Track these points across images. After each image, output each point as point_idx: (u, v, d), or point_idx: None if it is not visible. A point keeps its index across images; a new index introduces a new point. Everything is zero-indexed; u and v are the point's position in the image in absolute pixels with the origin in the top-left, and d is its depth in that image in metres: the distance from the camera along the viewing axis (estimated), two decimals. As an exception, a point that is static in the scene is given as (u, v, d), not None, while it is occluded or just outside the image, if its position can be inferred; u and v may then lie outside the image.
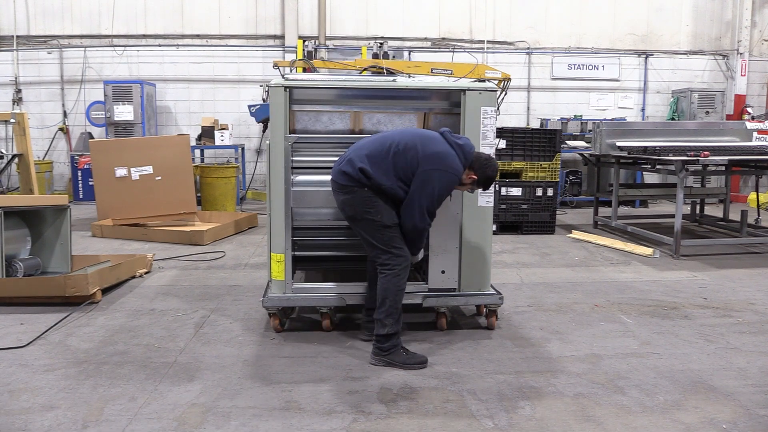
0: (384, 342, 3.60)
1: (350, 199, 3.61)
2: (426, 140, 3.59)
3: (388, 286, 3.62)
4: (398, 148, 3.55)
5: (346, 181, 3.60)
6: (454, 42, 11.48)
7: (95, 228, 7.65)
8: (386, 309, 3.61)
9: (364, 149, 3.63)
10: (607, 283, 5.55)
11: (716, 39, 11.98)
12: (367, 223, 3.62)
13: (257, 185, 11.42)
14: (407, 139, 3.60)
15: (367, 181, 3.54)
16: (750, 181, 11.58)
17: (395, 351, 3.61)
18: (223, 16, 11.19)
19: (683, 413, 3.04)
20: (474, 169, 3.60)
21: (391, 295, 3.62)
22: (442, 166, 3.50)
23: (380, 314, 3.62)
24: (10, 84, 11.15)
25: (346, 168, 3.60)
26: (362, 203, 3.59)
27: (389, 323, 3.60)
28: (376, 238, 3.63)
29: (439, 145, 3.56)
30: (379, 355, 3.61)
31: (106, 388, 3.25)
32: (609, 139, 7.96)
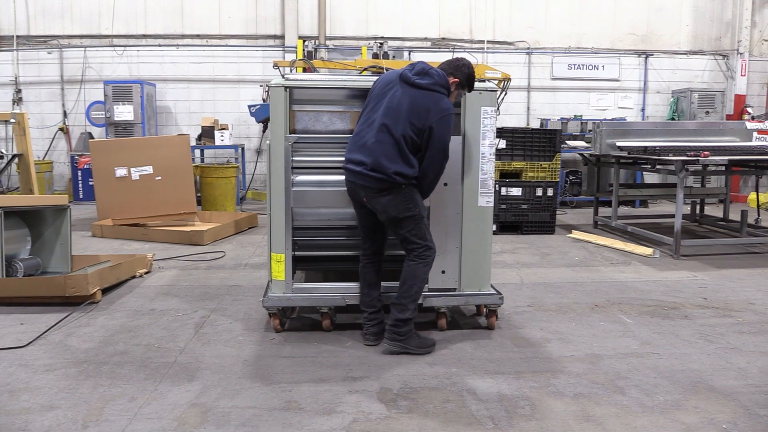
0: (402, 326, 3.70)
1: (392, 199, 3.62)
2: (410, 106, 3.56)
3: (418, 274, 3.72)
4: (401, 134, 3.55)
5: (382, 185, 3.60)
6: (454, 42, 11.48)
7: (95, 228, 7.65)
8: (412, 295, 3.72)
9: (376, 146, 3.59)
10: (607, 283, 5.55)
11: (716, 39, 11.99)
12: (408, 220, 3.67)
13: (257, 185, 11.43)
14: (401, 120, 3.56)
15: (404, 180, 3.60)
16: (750, 181, 11.58)
17: (411, 336, 3.73)
18: (223, 16, 11.20)
19: (683, 413, 3.04)
20: (455, 78, 3.69)
21: (419, 283, 3.75)
22: (438, 113, 3.54)
23: (405, 299, 3.71)
24: (10, 84, 11.15)
25: (378, 173, 3.57)
26: (403, 201, 3.63)
27: (412, 308, 3.73)
28: (414, 233, 3.69)
29: (421, 99, 3.56)
30: (396, 340, 3.70)
31: (106, 388, 3.25)
32: (609, 139, 7.95)
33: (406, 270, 3.74)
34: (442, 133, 3.57)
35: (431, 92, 3.58)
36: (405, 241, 3.74)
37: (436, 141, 3.56)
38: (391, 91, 3.63)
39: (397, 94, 3.60)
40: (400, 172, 3.56)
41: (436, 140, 3.56)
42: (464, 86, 3.77)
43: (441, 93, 3.61)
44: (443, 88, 3.63)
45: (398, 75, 3.68)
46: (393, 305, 3.76)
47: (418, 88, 3.58)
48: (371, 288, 3.96)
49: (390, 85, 3.67)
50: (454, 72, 3.71)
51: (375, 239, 3.91)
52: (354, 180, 3.68)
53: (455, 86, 3.71)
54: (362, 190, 3.67)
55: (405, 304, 3.71)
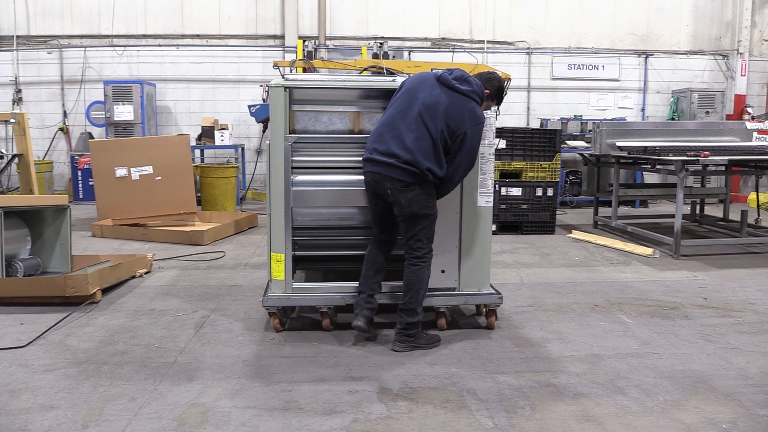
0: (412, 329, 3.79)
1: (418, 194, 3.65)
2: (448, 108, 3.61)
3: (422, 278, 3.79)
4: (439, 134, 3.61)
5: (413, 178, 3.62)
6: (454, 42, 11.48)
7: (95, 228, 7.65)
8: (420, 299, 3.80)
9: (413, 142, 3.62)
10: (607, 283, 5.55)
11: (716, 39, 11.99)
12: (426, 218, 3.72)
13: (257, 185, 11.43)
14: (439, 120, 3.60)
15: (433, 178, 3.65)
16: (750, 181, 11.58)
17: (419, 335, 3.83)
18: (223, 16, 11.20)
19: (683, 413, 3.04)
20: (488, 90, 3.82)
21: (424, 286, 3.81)
22: (474, 120, 3.63)
23: (412, 304, 3.78)
24: (10, 84, 11.15)
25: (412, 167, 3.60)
26: (426, 198, 3.68)
27: (420, 311, 3.83)
28: (425, 232, 3.75)
29: (459, 103, 3.63)
30: (406, 342, 3.78)
31: (106, 388, 3.25)
32: (609, 139, 7.96)
33: (411, 275, 3.78)
34: (474, 139, 3.67)
35: (468, 99, 3.66)
36: (413, 239, 3.75)
37: (468, 146, 3.64)
38: (428, 89, 3.68)
39: (435, 92, 3.65)
40: (432, 170, 3.61)
41: (468, 146, 3.64)
42: (493, 98, 3.89)
43: (476, 101, 3.70)
44: (479, 97, 3.72)
45: (435, 77, 3.74)
46: (402, 311, 3.80)
47: (457, 92, 3.65)
48: (377, 273, 3.95)
49: (426, 84, 3.72)
50: (486, 84, 3.82)
51: (389, 230, 3.93)
52: (381, 171, 3.66)
53: (486, 97, 3.82)
54: (389, 182, 3.65)
55: (413, 309, 3.78)
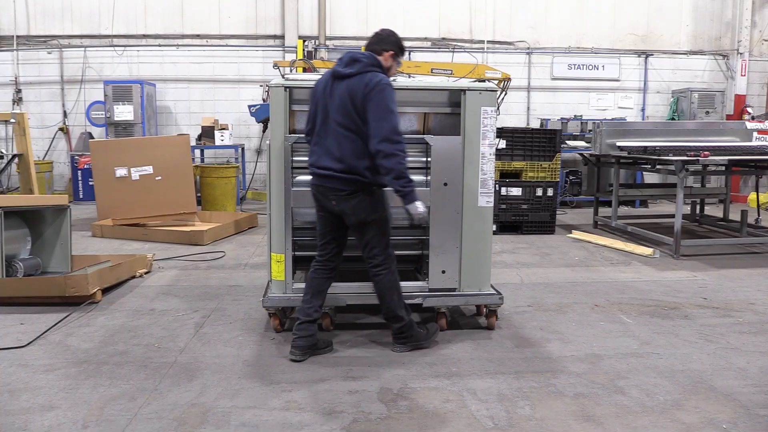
0: (406, 331, 3.77)
1: (361, 201, 3.56)
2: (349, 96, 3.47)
3: (390, 285, 3.73)
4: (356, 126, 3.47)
5: (354, 186, 3.53)
6: (454, 42, 11.48)
7: (95, 228, 7.65)
8: (397, 303, 3.74)
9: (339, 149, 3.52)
10: (607, 283, 5.55)
11: (716, 39, 11.99)
12: (375, 224, 3.64)
13: (257, 185, 11.43)
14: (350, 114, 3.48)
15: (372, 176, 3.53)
16: (750, 181, 11.58)
17: (415, 334, 3.80)
18: (223, 16, 11.19)
19: (683, 413, 3.04)
20: (384, 51, 3.63)
21: (396, 290, 3.75)
22: (372, 86, 3.43)
23: (392, 312, 3.74)
24: (10, 84, 11.15)
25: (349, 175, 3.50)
26: (371, 203, 3.59)
27: (403, 314, 3.76)
28: (375, 239, 3.66)
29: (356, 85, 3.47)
30: (405, 343, 3.79)
31: (106, 388, 3.25)
32: (609, 139, 7.96)
33: (377, 287, 3.74)
34: (380, 103, 3.42)
35: (363, 74, 3.49)
36: (367, 248, 3.68)
37: (374, 111, 3.41)
38: (329, 92, 3.57)
39: (336, 91, 3.54)
40: (370, 167, 3.50)
41: (374, 111, 3.41)
42: (399, 54, 3.72)
43: (374, 71, 3.53)
44: (375, 68, 3.56)
45: (331, 73, 3.61)
46: (388, 320, 3.80)
47: (351, 77, 3.51)
48: (315, 296, 3.77)
49: (326, 87, 3.60)
50: (384, 46, 3.65)
51: (334, 246, 3.79)
52: (323, 183, 3.60)
53: (391, 58, 3.67)
54: (331, 193, 3.58)
55: (396, 315, 3.74)
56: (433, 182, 4.01)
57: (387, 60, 3.66)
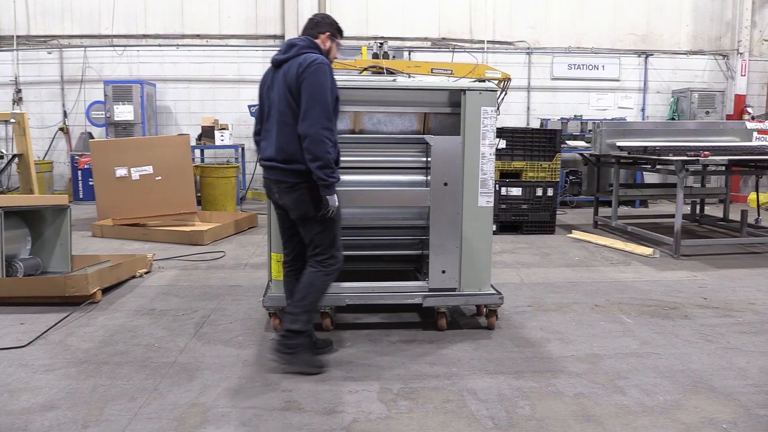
0: (292, 338, 3.41)
1: (302, 195, 3.38)
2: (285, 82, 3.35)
3: (316, 283, 3.46)
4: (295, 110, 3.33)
5: (296, 177, 3.36)
6: (454, 42, 11.48)
7: (95, 228, 7.65)
8: (306, 305, 3.43)
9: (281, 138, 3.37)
10: (607, 283, 5.55)
11: (716, 39, 11.99)
12: (318, 221, 3.42)
13: (257, 185, 11.42)
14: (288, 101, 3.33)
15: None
16: (750, 181, 11.58)
17: (300, 351, 3.44)
18: (223, 16, 11.19)
19: (683, 413, 3.04)
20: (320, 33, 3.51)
21: (316, 293, 3.46)
22: (306, 65, 3.29)
23: (297, 308, 3.43)
24: (10, 84, 11.15)
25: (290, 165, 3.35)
26: (314, 199, 3.37)
27: (304, 320, 3.42)
28: (322, 236, 3.45)
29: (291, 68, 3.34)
30: (283, 352, 3.41)
31: (106, 388, 3.25)
32: (609, 139, 7.96)
33: (305, 277, 3.48)
34: (315, 83, 3.26)
35: (299, 56, 3.36)
36: (311, 245, 3.49)
37: (307, 86, 3.25)
38: (272, 80, 3.46)
39: (276, 80, 3.43)
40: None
41: (307, 86, 3.25)
42: (336, 35, 3.58)
43: (311, 53, 3.39)
44: (312, 49, 3.42)
45: (271, 63, 3.52)
46: (285, 314, 3.52)
47: (286, 62, 3.39)
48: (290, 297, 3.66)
49: (267, 79, 3.51)
50: (320, 29, 3.53)
51: (295, 243, 3.65)
52: (269, 175, 3.49)
53: (329, 40, 3.54)
54: (275, 185, 3.47)
55: (297, 315, 3.42)
56: (433, 182, 4.00)
57: (325, 42, 3.53)
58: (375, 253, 4.49)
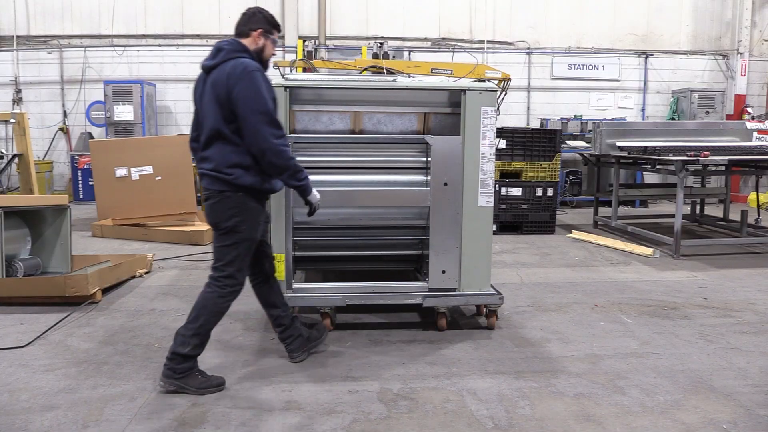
0: (180, 362, 3.18)
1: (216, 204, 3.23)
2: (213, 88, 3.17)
3: (208, 305, 3.24)
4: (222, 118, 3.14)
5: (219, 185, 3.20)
6: (454, 42, 11.48)
7: (95, 228, 7.65)
8: (196, 327, 3.21)
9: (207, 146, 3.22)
10: (607, 283, 5.55)
11: (716, 39, 11.99)
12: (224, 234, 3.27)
13: (257, 185, 11.41)
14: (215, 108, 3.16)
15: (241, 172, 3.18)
16: (750, 181, 11.58)
17: (190, 374, 3.21)
18: (223, 16, 11.19)
19: (683, 413, 3.04)
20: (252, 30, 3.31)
21: (208, 315, 3.24)
22: (236, 76, 3.09)
23: (187, 330, 3.21)
24: (10, 84, 11.15)
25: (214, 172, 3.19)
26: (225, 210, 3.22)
27: (193, 343, 3.21)
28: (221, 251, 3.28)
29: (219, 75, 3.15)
30: (171, 377, 3.18)
31: (106, 388, 3.25)
32: (609, 139, 7.96)
33: (199, 297, 3.29)
34: (244, 90, 3.08)
35: (225, 64, 3.16)
36: (214, 257, 3.31)
37: (242, 98, 3.07)
38: (203, 86, 3.26)
39: (205, 86, 3.23)
40: (236, 163, 3.15)
41: (241, 98, 3.07)
42: (270, 31, 3.36)
43: (239, 58, 3.18)
44: (240, 53, 3.21)
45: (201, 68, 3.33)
46: (175, 335, 3.26)
47: (215, 68, 3.19)
48: (270, 307, 3.61)
49: (200, 82, 3.30)
50: (251, 26, 3.32)
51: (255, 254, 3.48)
52: (202, 183, 3.32)
53: (261, 37, 3.31)
54: (204, 191, 3.30)
55: (186, 337, 3.20)
56: (433, 182, 4.01)
57: (257, 40, 3.31)
58: (375, 253, 4.48)
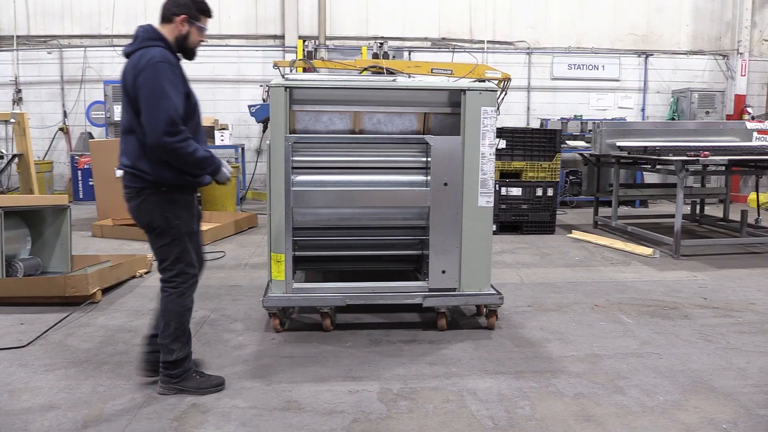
0: (173, 369, 3.15)
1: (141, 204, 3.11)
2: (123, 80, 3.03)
3: (171, 307, 3.14)
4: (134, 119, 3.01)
5: (138, 183, 3.07)
6: (454, 42, 11.48)
7: (95, 228, 7.65)
8: (171, 333, 3.14)
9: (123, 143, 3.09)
10: (607, 283, 5.55)
11: (716, 39, 11.99)
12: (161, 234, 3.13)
13: (257, 185, 11.42)
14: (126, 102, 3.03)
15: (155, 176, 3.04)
16: (750, 181, 11.58)
17: (187, 376, 3.19)
18: (223, 16, 11.19)
19: (683, 413, 3.04)
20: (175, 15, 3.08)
21: (176, 317, 3.15)
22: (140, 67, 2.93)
23: (165, 339, 3.14)
24: (10, 84, 11.15)
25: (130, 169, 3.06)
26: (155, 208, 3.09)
27: (177, 348, 3.15)
28: (163, 251, 3.15)
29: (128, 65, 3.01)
30: (169, 383, 3.16)
31: (106, 388, 3.25)
32: (609, 139, 7.96)
33: (161, 304, 3.18)
34: (147, 83, 2.91)
35: (138, 52, 2.99)
36: (157, 259, 3.19)
37: (143, 91, 2.90)
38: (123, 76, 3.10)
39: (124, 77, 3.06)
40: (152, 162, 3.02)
41: (143, 91, 2.90)
42: (197, 17, 3.15)
43: (149, 47, 2.99)
44: (153, 41, 3.02)
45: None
46: (160, 345, 3.18)
47: (129, 56, 3.03)
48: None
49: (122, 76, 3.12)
50: (174, 10, 3.09)
51: None
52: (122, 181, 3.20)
53: (185, 23, 3.10)
54: (124, 190, 3.16)
55: (167, 345, 3.14)
56: (433, 182, 4.01)
57: (180, 27, 3.10)
58: (375, 253, 4.48)
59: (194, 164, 3.06)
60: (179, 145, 2.95)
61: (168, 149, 2.95)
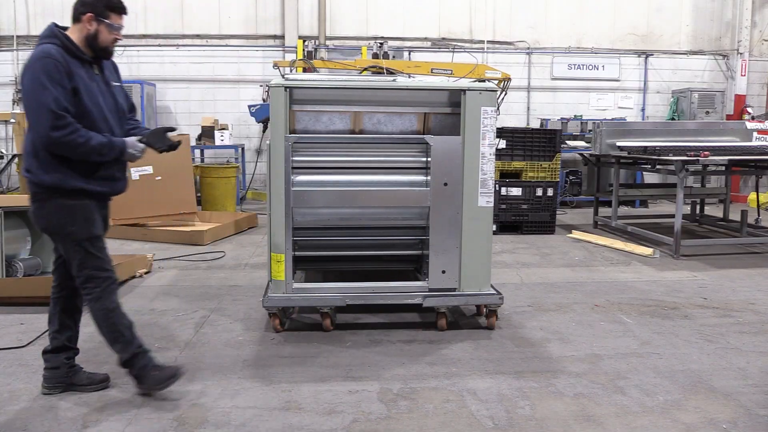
0: (133, 365, 3.11)
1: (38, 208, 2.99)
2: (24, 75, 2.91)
3: (96, 315, 3.06)
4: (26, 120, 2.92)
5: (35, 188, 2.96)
6: (454, 42, 11.48)
7: (95, 228, 7.63)
8: (113, 338, 3.09)
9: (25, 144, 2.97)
10: (607, 283, 5.55)
11: (716, 39, 11.98)
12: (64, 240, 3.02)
13: (257, 185, 11.42)
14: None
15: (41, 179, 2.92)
16: (750, 181, 11.57)
17: (147, 374, 3.11)
18: (223, 16, 11.19)
19: (683, 413, 3.04)
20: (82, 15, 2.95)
21: (103, 321, 3.06)
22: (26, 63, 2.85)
23: (108, 344, 3.12)
24: (10, 84, 11.14)
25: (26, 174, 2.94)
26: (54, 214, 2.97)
27: (119, 348, 3.10)
28: (72, 256, 3.02)
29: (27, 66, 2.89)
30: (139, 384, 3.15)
31: (106, 389, 3.25)
32: (609, 139, 7.96)
33: (90, 314, 3.09)
34: (27, 80, 2.83)
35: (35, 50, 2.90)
36: (70, 265, 3.06)
37: (24, 89, 2.83)
38: None
39: None
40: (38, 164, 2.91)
41: (24, 89, 2.83)
42: (105, 14, 3.02)
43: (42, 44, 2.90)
44: (46, 39, 2.91)
45: None
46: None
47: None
48: (59, 330, 3.19)
49: None
50: (82, 9, 2.96)
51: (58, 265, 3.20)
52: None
53: (93, 21, 2.97)
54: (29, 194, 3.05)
55: (114, 348, 3.11)
56: (433, 182, 4.01)
57: (87, 25, 2.96)
58: (375, 253, 4.49)
59: (92, 152, 2.92)
60: (69, 138, 2.83)
61: (58, 144, 2.84)
